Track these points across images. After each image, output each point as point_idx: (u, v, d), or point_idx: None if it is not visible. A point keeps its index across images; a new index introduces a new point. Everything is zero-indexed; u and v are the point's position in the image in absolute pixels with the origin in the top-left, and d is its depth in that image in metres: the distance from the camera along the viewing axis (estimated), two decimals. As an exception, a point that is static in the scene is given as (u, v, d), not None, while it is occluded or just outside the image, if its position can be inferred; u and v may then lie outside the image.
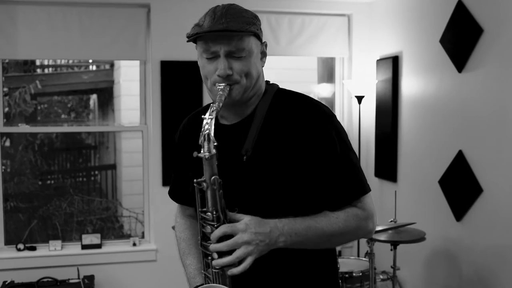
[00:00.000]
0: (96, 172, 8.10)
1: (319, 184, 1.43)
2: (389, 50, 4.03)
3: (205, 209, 1.34)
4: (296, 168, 1.42)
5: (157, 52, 4.01)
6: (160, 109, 4.03)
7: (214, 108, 1.34)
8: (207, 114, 1.33)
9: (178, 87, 4.03)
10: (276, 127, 1.46)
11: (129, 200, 6.79)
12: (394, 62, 3.92)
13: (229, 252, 1.31)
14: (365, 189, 1.48)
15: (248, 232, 1.30)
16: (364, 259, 3.34)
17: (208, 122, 1.32)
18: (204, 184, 1.32)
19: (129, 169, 7.11)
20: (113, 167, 7.88)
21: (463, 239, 3.22)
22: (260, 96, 1.51)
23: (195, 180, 1.33)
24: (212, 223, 1.33)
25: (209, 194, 1.32)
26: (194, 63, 4.68)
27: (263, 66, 1.52)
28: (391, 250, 3.23)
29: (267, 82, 1.57)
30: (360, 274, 3.08)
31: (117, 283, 4.03)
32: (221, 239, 1.31)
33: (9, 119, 6.71)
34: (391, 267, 3.26)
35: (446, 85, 3.35)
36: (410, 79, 3.78)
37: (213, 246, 1.31)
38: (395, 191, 3.30)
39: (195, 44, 1.48)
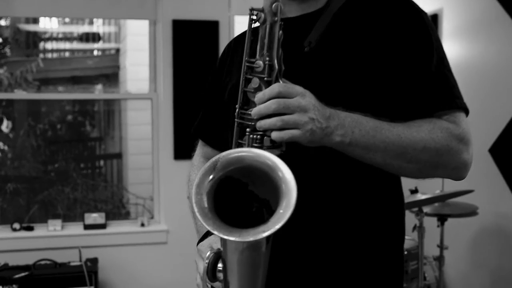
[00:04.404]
0: (101, 164, 7.88)
1: (398, 89, 1.10)
2: (426, 8, 3.62)
3: (253, 59, 0.99)
4: (371, 66, 1.09)
5: (168, 10, 3.64)
6: (171, 74, 3.67)
7: None
8: None
9: (191, 49, 3.66)
10: (352, 20, 1.15)
11: (136, 189, 6.54)
12: (433, 22, 3.52)
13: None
14: (462, 104, 1.11)
15: (307, 100, 0.96)
16: (407, 237, 2.93)
17: None
18: (262, 14, 0.98)
19: (136, 157, 6.91)
20: (119, 156, 7.65)
21: (521, 214, 2.82)
22: None
23: (251, 7, 1.01)
24: (262, 75, 0.98)
25: (265, 31, 0.98)
26: (210, 23, 4.28)
27: None
28: (438, 226, 2.84)
29: None
30: (406, 253, 2.68)
31: (123, 267, 3.68)
32: None
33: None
34: (438, 246, 2.86)
35: (499, 43, 2.96)
36: (452, 40, 3.38)
37: (258, 108, 0.96)
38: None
39: None
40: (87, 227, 3.67)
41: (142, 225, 3.74)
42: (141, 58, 5.44)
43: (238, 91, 1.02)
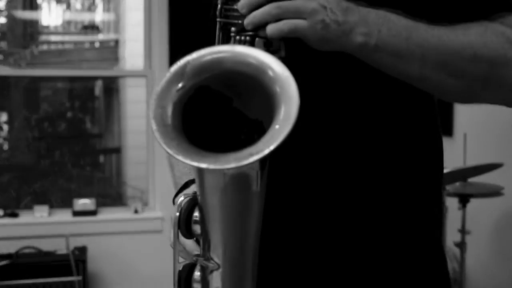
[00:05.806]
0: (101, 160, 7.80)
1: None
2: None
3: None
4: None
5: (164, -21, 3.46)
6: (167, 50, 3.49)
7: None
8: None
9: (189, 24, 3.42)
10: None
11: (134, 183, 6.44)
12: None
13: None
14: None
15: None
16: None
17: None
18: None
19: (135, 151, 6.84)
20: (117, 150, 7.56)
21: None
22: None
23: None
24: None
25: None
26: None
27: None
28: (459, 209, 2.60)
29: None
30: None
31: (114, 257, 3.49)
32: None
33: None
34: (459, 230, 2.63)
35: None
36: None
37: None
38: (464, 134, 2.65)
39: None
40: (76, 213, 3.46)
41: (136, 211, 3.55)
42: (141, 50, 5.32)
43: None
